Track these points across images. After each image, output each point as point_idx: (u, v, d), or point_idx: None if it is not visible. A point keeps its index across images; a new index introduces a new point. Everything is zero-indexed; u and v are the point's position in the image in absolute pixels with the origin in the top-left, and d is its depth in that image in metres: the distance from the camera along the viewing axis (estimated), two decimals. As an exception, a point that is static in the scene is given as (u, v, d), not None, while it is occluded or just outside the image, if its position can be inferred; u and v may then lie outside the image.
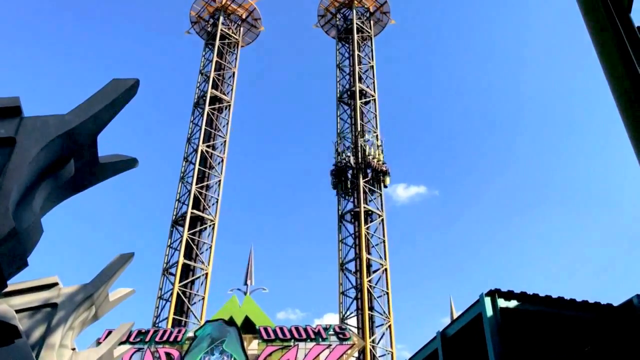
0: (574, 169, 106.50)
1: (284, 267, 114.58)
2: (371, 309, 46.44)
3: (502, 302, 11.99)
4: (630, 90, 4.27)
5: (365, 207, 49.81)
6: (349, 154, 53.08)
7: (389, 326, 45.96)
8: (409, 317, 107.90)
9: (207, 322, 35.79)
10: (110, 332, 28.53)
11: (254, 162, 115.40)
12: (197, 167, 53.68)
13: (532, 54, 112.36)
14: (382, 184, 52.18)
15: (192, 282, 49.82)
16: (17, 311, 6.85)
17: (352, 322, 46.59)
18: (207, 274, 50.03)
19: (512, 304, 12.13)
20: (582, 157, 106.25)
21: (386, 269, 48.33)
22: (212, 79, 59.48)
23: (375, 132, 55.93)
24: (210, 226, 52.34)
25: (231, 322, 34.08)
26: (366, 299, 45.78)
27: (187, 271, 49.73)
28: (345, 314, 47.51)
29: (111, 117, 4.56)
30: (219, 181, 54.75)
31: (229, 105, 59.81)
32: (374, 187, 51.83)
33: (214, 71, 60.36)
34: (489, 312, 11.77)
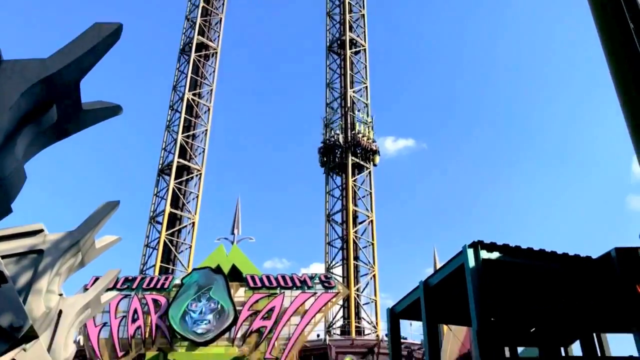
0: (560, 123, 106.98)
1: (271, 217, 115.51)
2: (356, 259, 47.25)
3: (484, 254, 12.18)
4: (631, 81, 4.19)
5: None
6: (338, 131, 51.38)
7: (374, 276, 46.91)
8: (393, 268, 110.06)
9: (194, 269, 36.24)
10: (97, 279, 28.80)
11: (241, 112, 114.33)
12: (183, 115, 53.04)
13: (524, 6, 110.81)
14: (372, 162, 51.01)
15: (179, 230, 50.13)
16: (3, 257, 6.85)
17: (338, 271, 47.48)
18: (194, 223, 50.30)
19: (494, 255, 12.33)
20: (569, 111, 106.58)
21: (372, 221, 48.90)
22: (198, 25, 57.98)
23: (364, 83, 55.36)
24: (196, 176, 52.24)
25: (218, 270, 34.51)
26: (351, 249, 46.50)
27: (173, 220, 49.94)
28: (330, 263, 48.33)
29: (93, 62, 4.43)
30: (206, 130, 54.26)
31: (216, 52, 58.59)
32: (364, 163, 50.74)
33: (201, 17, 58.77)
34: (472, 263, 11.97)
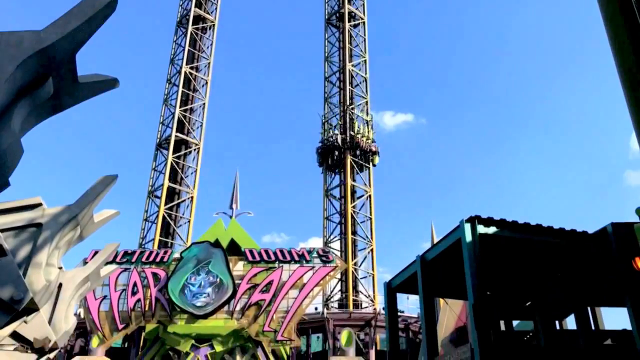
0: (559, 100, 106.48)
1: (270, 192, 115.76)
2: (354, 233, 47.50)
3: (481, 228, 12.27)
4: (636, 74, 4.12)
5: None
6: (336, 132, 49.76)
7: (371, 250, 47.23)
8: (391, 242, 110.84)
9: (193, 244, 36.43)
10: (96, 253, 28.93)
11: (239, 86, 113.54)
12: (180, 89, 52.67)
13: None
14: (371, 163, 49.81)
15: (178, 205, 50.23)
16: (1, 230, 6.87)
17: (336, 245, 47.81)
18: (192, 197, 50.38)
19: (491, 230, 12.42)
20: (567, 88, 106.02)
21: (370, 196, 49.00)
22: (195, -3, 57.21)
23: (363, 57, 54.85)
24: (195, 150, 52.12)
25: (217, 244, 34.71)
26: (350, 224, 46.71)
27: (172, 194, 50.01)
28: (329, 238, 48.60)
29: (89, 34, 4.38)
30: (203, 104, 53.96)
31: (213, 25, 57.88)
32: (364, 163, 49.61)
33: (198, -11, 57.95)
34: (468, 237, 12.06)
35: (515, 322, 18.65)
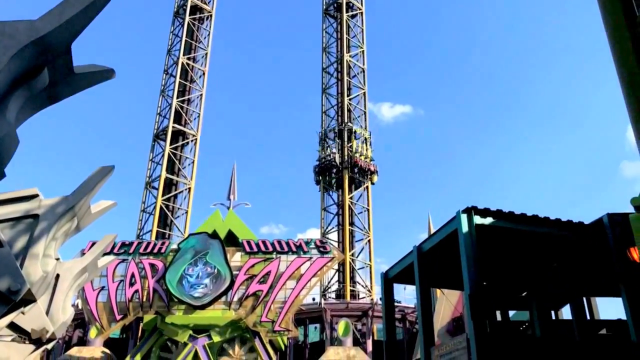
0: (556, 91, 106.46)
1: (267, 183, 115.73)
2: (352, 224, 47.58)
3: (478, 219, 12.28)
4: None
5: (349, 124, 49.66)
6: (334, 150, 49.01)
7: (369, 241, 47.35)
8: (388, 233, 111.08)
9: (190, 234, 36.41)
10: (94, 244, 28.91)
11: (236, 77, 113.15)
12: (177, 80, 52.47)
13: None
14: (370, 181, 49.36)
15: (175, 196, 50.21)
16: (-2, 221, 6.87)
17: (333, 236, 47.91)
18: (190, 188, 50.34)
19: (488, 220, 12.43)
20: (564, 79, 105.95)
21: (367, 187, 49.06)
22: (192, -13, 56.87)
23: (361, 48, 54.67)
24: (192, 141, 52.03)
25: (214, 235, 34.69)
26: (347, 215, 46.79)
27: (169, 185, 49.97)
28: (326, 229, 48.68)
29: (85, 24, 4.35)
30: (201, 95, 53.79)
31: (210, 15, 57.60)
32: (362, 179, 49.21)
33: (194, -21, 57.59)
34: (465, 228, 12.07)
35: (511, 313, 18.75)
